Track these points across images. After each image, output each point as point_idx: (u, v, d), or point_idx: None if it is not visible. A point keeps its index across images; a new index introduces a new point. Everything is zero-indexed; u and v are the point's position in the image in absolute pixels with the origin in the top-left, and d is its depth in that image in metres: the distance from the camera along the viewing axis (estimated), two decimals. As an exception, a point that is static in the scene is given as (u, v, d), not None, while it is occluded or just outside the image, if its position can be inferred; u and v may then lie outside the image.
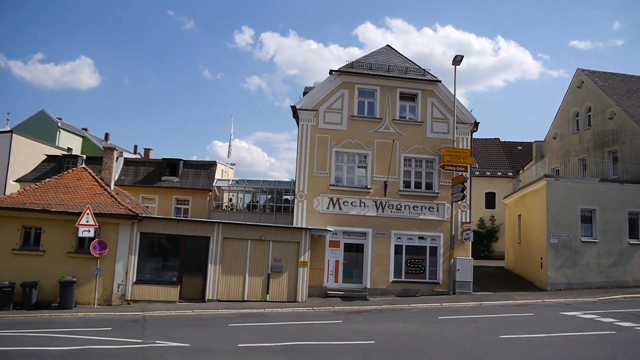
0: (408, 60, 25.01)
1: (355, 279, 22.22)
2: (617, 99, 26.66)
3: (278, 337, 12.67)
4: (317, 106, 22.76)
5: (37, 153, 35.94)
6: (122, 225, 19.26)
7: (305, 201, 22.18)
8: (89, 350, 11.34)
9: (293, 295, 20.00)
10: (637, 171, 24.08)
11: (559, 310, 16.93)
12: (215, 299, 19.46)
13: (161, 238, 20.23)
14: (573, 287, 22.11)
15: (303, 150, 22.51)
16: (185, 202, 32.57)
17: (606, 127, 26.60)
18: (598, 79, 28.69)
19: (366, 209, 22.34)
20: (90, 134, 52.54)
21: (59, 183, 20.72)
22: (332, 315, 16.96)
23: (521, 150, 40.47)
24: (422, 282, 22.18)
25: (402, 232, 22.35)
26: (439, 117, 23.26)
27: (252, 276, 19.96)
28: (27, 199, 19.19)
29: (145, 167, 34.03)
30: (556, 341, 12.12)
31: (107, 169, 22.37)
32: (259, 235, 20.24)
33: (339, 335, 13.20)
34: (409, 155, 22.92)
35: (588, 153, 27.86)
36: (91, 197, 19.94)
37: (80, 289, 18.36)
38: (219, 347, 11.78)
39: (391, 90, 23.20)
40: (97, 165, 24.90)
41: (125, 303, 18.78)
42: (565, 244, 22.40)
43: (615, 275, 22.59)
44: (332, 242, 22.05)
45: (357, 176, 22.78)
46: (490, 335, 13.08)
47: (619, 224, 23.02)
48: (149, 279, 19.44)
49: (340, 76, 23.10)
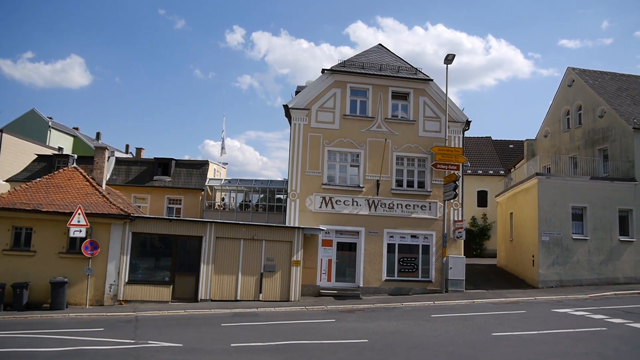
0: (400, 59, 25.06)
1: (348, 277, 22.25)
2: (607, 97, 26.83)
3: (271, 337, 12.66)
4: (309, 105, 22.75)
5: (27, 153, 35.64)
6: (114, 225, 19.16)
7: (298, 200, 22.17)
8: (81, 351, 11.26)
9: (286, 295, 19.99)
10: (627, 169, 24.27)
11: (551, 308, 17.04)
12: (208, 299, 19.41)
13: (153, 238, 20.15)
14: (564, 285, 22.27)
15: (295, 149, 22.49)
16: (177, 201, 32.43)
17: (596, 125, 26.79)
18: (588, 77, 28.87)
19: (359, 208, 22.37)
20: (81, 134, 52.17)
21: (49, 183, 20.57)
22: (325, 314, 16.97)
23: (513, 148, 40.62)
24: (415, 281, 22.24)
25: (394, 231, 22.40)
26: (431, 116, 23.33)
27: (245, 276, 19.92)
28: (17, 199, 19.04)
29: (137, 167, 33.85)
30: (548, 338, 12.20)
31: (99, 169, 22.24)
32: (251, 234, 20.21)
33: (332, 334, 13.21)
34: (402, 154, 22.97)
35: (579, 151, 28.04)
36: (82, 197, 19.82)
37: (71, 289, 18.26)
38: (212, 347, 11.75)
39: (383, 89, 23.24)
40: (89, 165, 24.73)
41: (118, 303, 18.70)
42: (557, 242, 22.55)
43: (606, 272, 22.77)
44: (324, 241, 22.07)
45: (350, 175, 22.81)
46: (483, 332, 13.13)
47: (610, 221, 23.21)
48: (141, 279, 19.36)
49: (333, 75, 23.10)
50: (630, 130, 24.15)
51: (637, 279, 22.92)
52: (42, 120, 47.10)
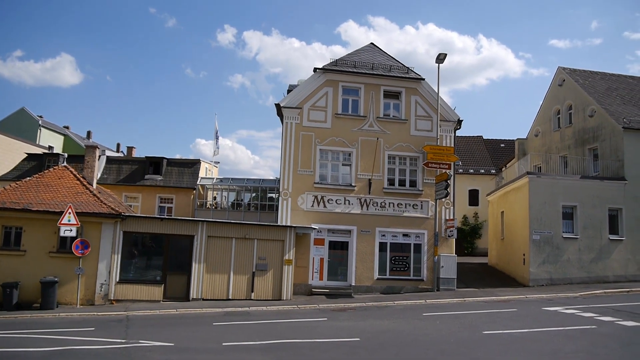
0: (392, 58, 25.09)
1: (340, 276, 22.28)
2: (597, 97, 27.03)
3: (263, 335, 12.65)
4: (301, 104, 22.74)
5: (17, 151, 35.38)
6: (104, 224, 19.05)
7: (290, 199, 22.16)
8: (71, 350, 11.19)
9: (278, 294, 19.98)
10: (616, 168, 24.46)
11: (541, 306, 17.13)
12: (200, 298, 19.36)
13: (145, 237, 20.06)
14: (555, 283, 22.42)
15: (287, 148, 22.47)
16: (169, 200, 32.33)
17: (587, 124, 26.98)
18: (579, 77, 29.07)
19: (351, 207, 22.39)
20: (71, 132, 51.81)
21: (40, 182, 20.43)
22: (317, 313, 16.98)
23: (504, 147, 40.84)
24: (407, 279, 22.31)
25: (386, 230, 22.45)
26: (422, 115, 23.38)
27: (237, 275, 19.89)
28: (7, 198, 18.89)
29: (128, 166, 33.70)
30: (538, 336, 12.28)
31: (89, 168, 22.09)
32: (243, 233, 20.17)
33: (324, 333, 13.22)
34: (393, 153, 23.01)
35: (569, 150, 28.23)
36: (73, 196, 19.69)
37: (62, 289, 18.14)
38: (203, 346, 11.72)
39: (375, 88, 23.27)
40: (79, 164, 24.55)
41: (109, 303, 18.60)
42: (547, 240, 22.69)
43: (595, 271, 22.95)
44: (316, 240, 22.07)
45: (342, 174, 22.82)
46: (474, 331, 13.19)
47: (600, 220, 23.39)
48: (132, 278, 19.27)
49: (325, 74, 23.10)
50: (620, 129, 24.35)
51: (627, 277, 23.13)
52: (32, 119, 46.73)
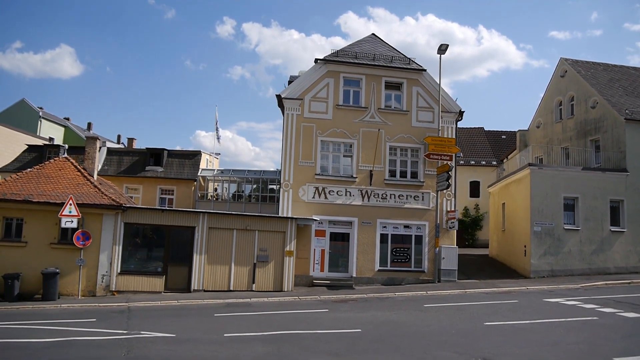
0: (393, 49, 24.93)
1: (341, 268, 22.29)
2: (599, 88, 26.88)
3: (264, 327, 12.66)
4: (302, 95, 22.64)
5: (18, 143, 35.34)
6: (105, 215, 19.04)
7: (291, 190, 22.13)
8: (73, 341, 11.20)
9: (279, 285, 20.00)
10: (618, 160, 24.39)
11: (542, 297, 17.14)
12: (201, 289, 19.39)
13: (146, 228, 20.04)
14: (556, 274, 22.42)
15: (288, 139, 22.40)
16: (169, 192, 32.30)
17: (589, 116, 26.86)
18: (581, 68, 28.90)
19: (352, 198, 22.36)
20: (72, 124, 51.77)
21: (40, 173, 20.40)
22: (318, 304, 16.99)
23: (505, 139, 40.74)
24: (408, 271, 22.32)
25: (387, 221, 22.43)
26: (424, 106, 23.28)
27: (238, 266, 19.90)
28: (8, 189, 18.87)
29: (129, 157, 33.66)
30: (540, 327, 12.28)
31: (90, 159, 22.04)
32: (244, 225, 20.16)
33: (326, 324, 13.22)
34: (395, 144, 22.94)
35: (571, 142, 28.12)
36: (74, 188, 19.66)
37: (63, 280, 18.16)
38: (204, 337, 11.73)
39: (376, 79, 23.15)
40: (80, 155, 24.52)
41: (110, 294, 18.63)
42: (548, 232, 22.67)
43: (597, 262, 22.95)
44: (318, 232, 22.07)
45: (343, 165, 22.77)
46: (475, 322, 13.19)
47: (601, 211, 23.36)
48: (133, 269, 19.29)
49: (326, 65, 22.97)
50: (622, 121, 24.25)
51: (628, 268, 23.14)
52: (33, 111, 46.67)
